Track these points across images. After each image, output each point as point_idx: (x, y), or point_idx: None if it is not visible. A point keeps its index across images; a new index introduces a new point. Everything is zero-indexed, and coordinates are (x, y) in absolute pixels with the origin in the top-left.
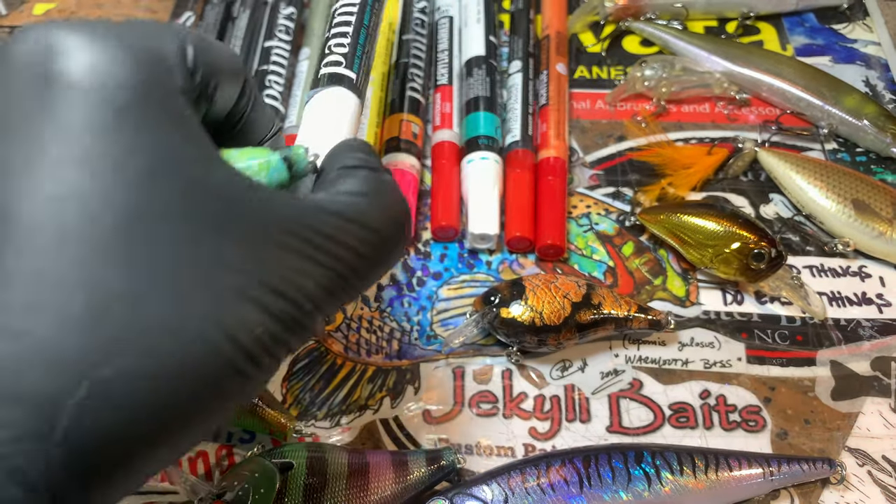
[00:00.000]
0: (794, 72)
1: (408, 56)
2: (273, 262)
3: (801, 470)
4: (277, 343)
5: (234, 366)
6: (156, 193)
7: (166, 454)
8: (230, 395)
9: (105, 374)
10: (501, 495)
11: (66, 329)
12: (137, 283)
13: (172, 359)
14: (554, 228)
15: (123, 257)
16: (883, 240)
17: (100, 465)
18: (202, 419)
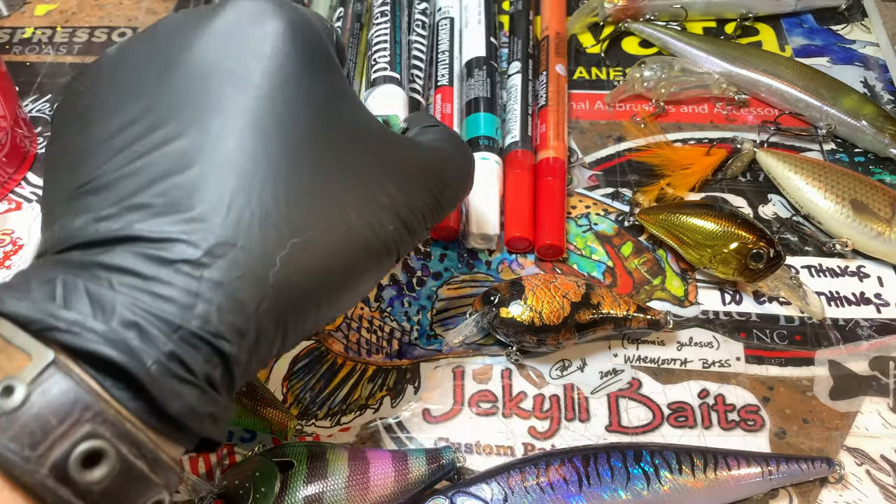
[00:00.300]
0: (793, 72)
1: (409, 57)
2: (407, 185)
3: (799, 469)
4: (402, 242)
5: (376, 252)
6: (330, 122)
7: (331, 309)
8: (371, 273)
9: (300, 241)
10: (501, 494)
11: (275, 208)
12: (323, 181)
13: (342, 239)
14: (553, 229)
15: (313, 163)
16: (881, 240)
17: (292, 309)
18: (353, 286)
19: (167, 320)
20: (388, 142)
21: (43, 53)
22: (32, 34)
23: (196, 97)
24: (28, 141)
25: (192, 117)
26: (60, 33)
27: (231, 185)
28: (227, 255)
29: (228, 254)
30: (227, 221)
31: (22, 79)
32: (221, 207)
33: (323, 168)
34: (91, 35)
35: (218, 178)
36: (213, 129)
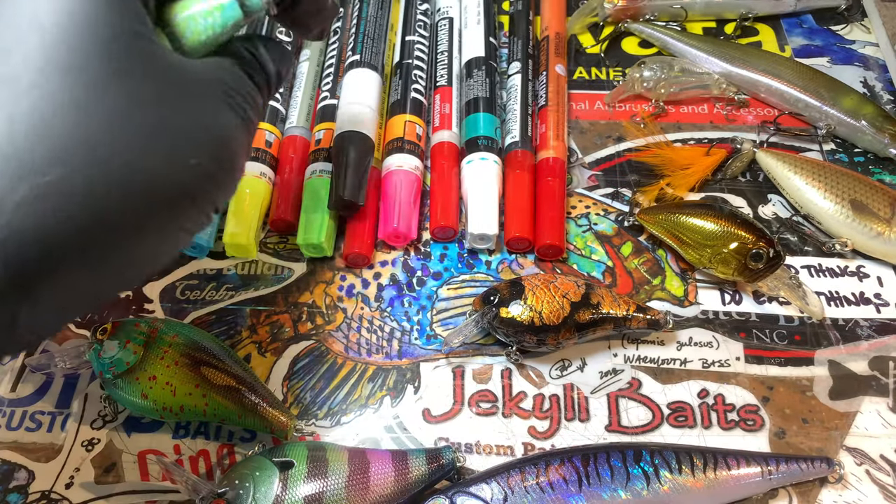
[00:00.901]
0: (793, 73)
1: (411, 57)
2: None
3: (799, 469)
4: (210, 183)
5: (168, 195)
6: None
7: (110, 270)
8: (165, 222)
9: (49, 180)
10: (501, 494)
11: (14, 133)
12: (91, 105)
13: (104, 176)
14: (553, 229)
15: (68, 85)
16: (881, 240)
17: (34, 270)
18: (127, 239)
19: None
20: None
21: None
22: None
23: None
24: None
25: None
26: None
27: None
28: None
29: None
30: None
31: None
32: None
33: (92, 90)
34: None
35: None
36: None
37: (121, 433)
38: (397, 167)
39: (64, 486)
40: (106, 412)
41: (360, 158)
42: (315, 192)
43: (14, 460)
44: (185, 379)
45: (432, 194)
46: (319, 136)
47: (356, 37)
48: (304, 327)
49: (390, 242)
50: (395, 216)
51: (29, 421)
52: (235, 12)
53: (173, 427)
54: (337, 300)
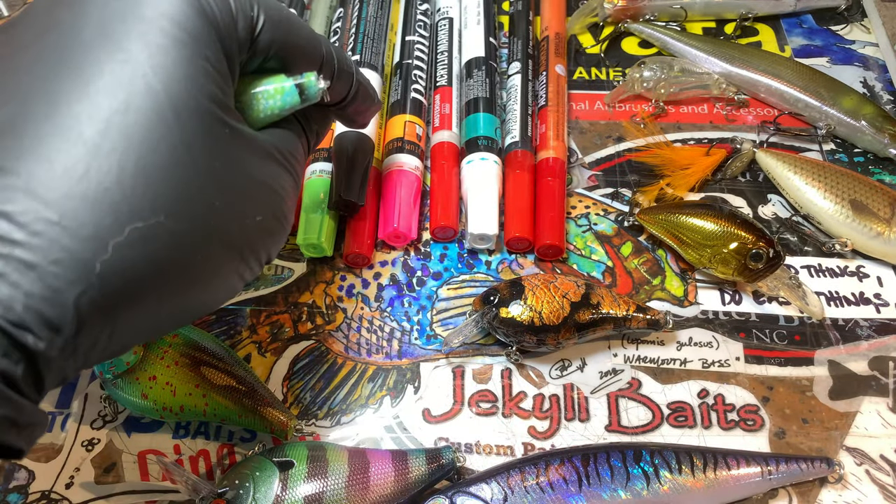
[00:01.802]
0: (793, 73)
1: (411, 57)
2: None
3: (799, 469)
4: (270, 240)
5: (238, 249)
6: (193, 110)
7: (175, 310)
8: (229, 274)
9: (143, 226)
10: (501, 494)
11: (117, 184)
12: (183, 164)
13: (198, 229)
14: (553, 229)
15: (176, 143)
16: (881, 240)
17: (124, 304)
18: (206, 286)
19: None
20: (255, 149)
21: None
22: None
23: (59, 56)
24: None
25: (46, 76)
26: None
27: (69, 151)
28: (46, 234)
29: (48, 232)
30: (52, 193)
31: None
32: (51, 176)
33: (186, 151)
34: None
35: (55, 144)
36: (63, 90)
37: (121, 433)
38: (397, 167)
39: (64, 486)
40: (106, 412)
41: (360, 158)
42: (315, 192)
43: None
44: (185, 379)
45: (432, 194)
46: None
47: (356, 37)
48: (304, 327)
49: (390, 242)
50: (395, 216)
51: None
52: (294, 98)
53: (173, 427)
54: (337, 300)
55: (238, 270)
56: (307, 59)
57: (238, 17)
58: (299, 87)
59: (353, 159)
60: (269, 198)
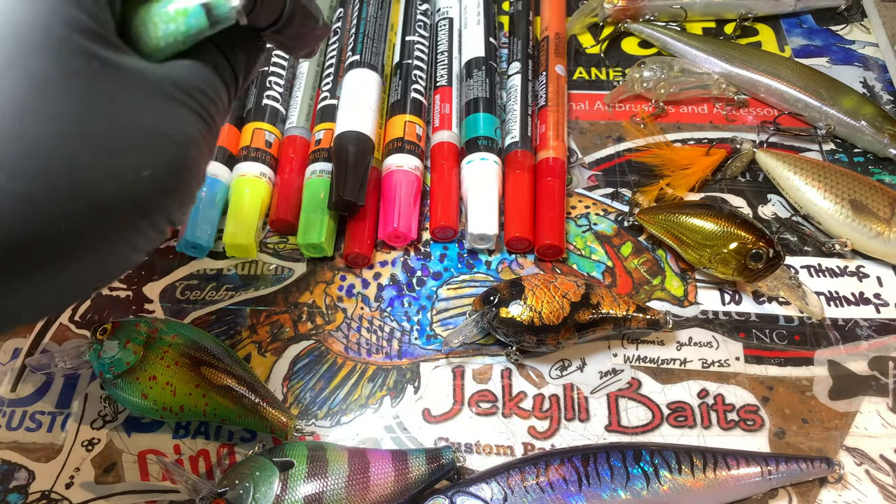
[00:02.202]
0: (792, 73)
1: (411, 57)
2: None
3: (798, 469)
4: (165, 198)
5: (118, 210)
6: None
7: (37, 284)
8: (115, 238)
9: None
10: (501, 494)
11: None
12: (19, 111)
13: (46, 187)
14: (553, 229)
15: (7, 87)
16: (880, 240)
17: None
18: (69, 253)
19: None
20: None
21: None
22: None
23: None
24: None
25: None
26: None
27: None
28: None
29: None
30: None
31: None
32: None
33: (35, 92)
34: None
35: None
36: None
37: (121, 433)
38: (397, 167)
39: (64, 486)
40: (106, 412)
41: (360, 158)
42: (315, 192)
43: (14, 460)
44: (185, 379)
45: (432, 194)
46: (319, 136)
47: (356, 37)
48: (304, 327)
49: (390, 242)
50: (395, 216)
51: (29, 421)
52: (200, 21)
53: (173, 427)
54: (337, 300)
55: (127, 238)
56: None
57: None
58: (206, 7)
59: (352, 159)
60: (161, 146)
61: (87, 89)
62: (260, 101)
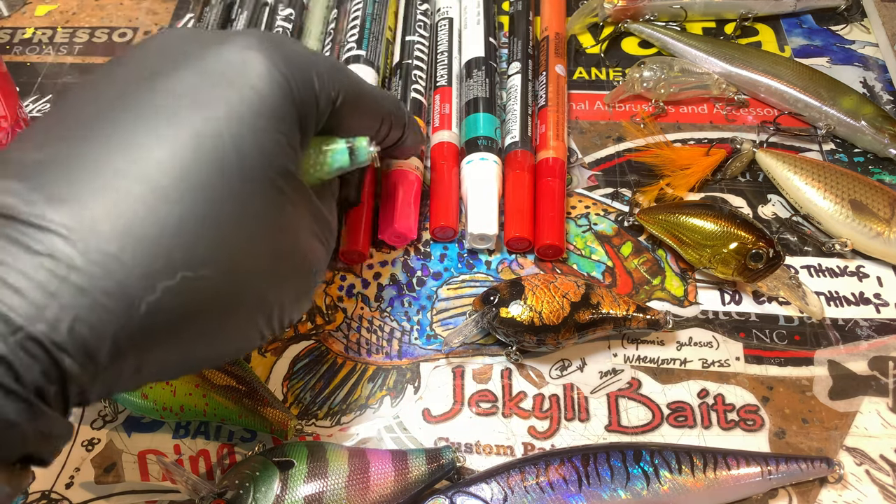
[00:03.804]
0: (792, 73)
1: (411, 57)
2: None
3: (799, 469)
4: (291, 312)
5: (267, 315)
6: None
7: (199, 357)
8: (252, 336)
9: (192, 276)
10: (501, 494)
11: (176, 233)
12: (241, 225)
13: (240, 290)
14: (553, 229)
15: (237, 204)
16: (881, 240)
17: (156, 346)
18: (232, 340)
19: (8, 318)
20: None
21: (43, 54)
22: (33, 34)
23: (151, 105)
24: None
25: (131, 120)
26: (61, 34)
27: (137, 192)
28: (103, 264)
29: (105, 263)
30: (115, 229)
31: (23, 79)
32: (116, 213)
33: (245, 215)
34: (91, 35)
35: (126, 184)
36: (144, 135)
37: (121, 433)
38: (398, 167)
39: (64, 486)
40: (106, 412)
41: None
42: None
43: None
44: (185, 379)
45: (432, 194)
46: None
47: (361, 31)
48: (303, 327)
49: (390, 242)
50: (396, 216)
51: None
52: (344, 160)
53: (173, 427)
54: (337, 300)
55: (261, 329)
56: (369, 121)
57: (320, 98)
58: (350, 150)
59: None
60: (304, 267)
61: (275, 220)
62: None
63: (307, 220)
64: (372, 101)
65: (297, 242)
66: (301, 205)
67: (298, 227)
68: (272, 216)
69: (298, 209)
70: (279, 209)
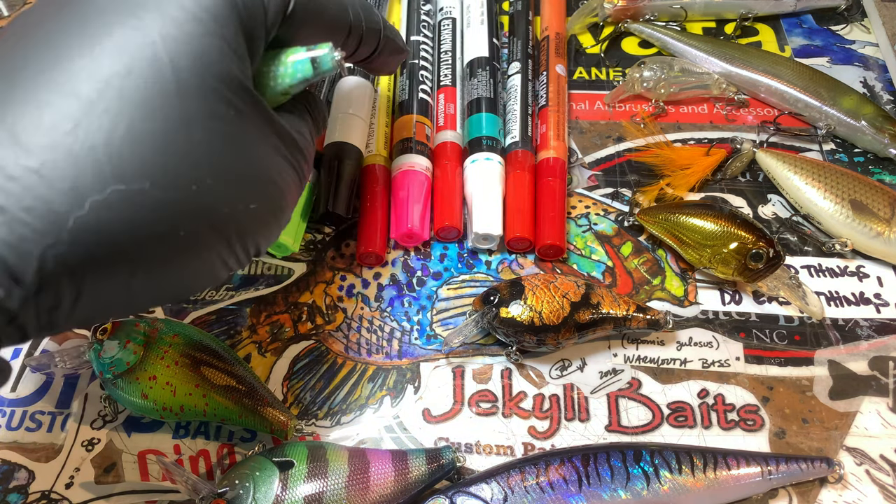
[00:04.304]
0: (793, 73)
1: (416, 57)
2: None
3: (799, 469)
4: (261, 230)
5: (225, 233)
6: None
7: (148, 286)
8: (211, 259)
9: (125, 189)
10: (501, 494)
11: (111, 144)
12: (180, 136)
13: (186, 203)
14: (554, 229)
15: (174, 116)
16: (881, 240)
17: (92, 267)
18: (184, 266)
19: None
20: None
21: None
22: None
23: (70, 17)
24: None
25: (53, 34)
26: None
27: (60, 105)
28: (22, 180)
29: (24, 178)
30: (37, 142)
31: None
32: (38, 126)
33: (183, 125)
34: None
35: (47, 96)
36: (67, 47)
37: (121, 433)
38: (408, 167)
39: (64, 486)
40: (106, 412)
41: (347, 169)
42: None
43: (14, 460)
44: (185, 379)
45: (436, 194)
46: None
47: None
48: (304, 327)
49: (402, 243)
50: (409, 217)
51: (29, 421)
52: (307, 71)
53: (173, 427)
54: (337, 300)
55: (222, 256)
56: (332, 30)
57: (268, 3)
58: (313, 60)
59: (343, 172)
60: (268, 188)
61: (222, 131)
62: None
63: (267, 135)
64: (334, 7)
65: (254, 159)
66: (256, 118)
67: (256, 143)
68: (217, 127)
69: (253, 122)
70: (227, 120)
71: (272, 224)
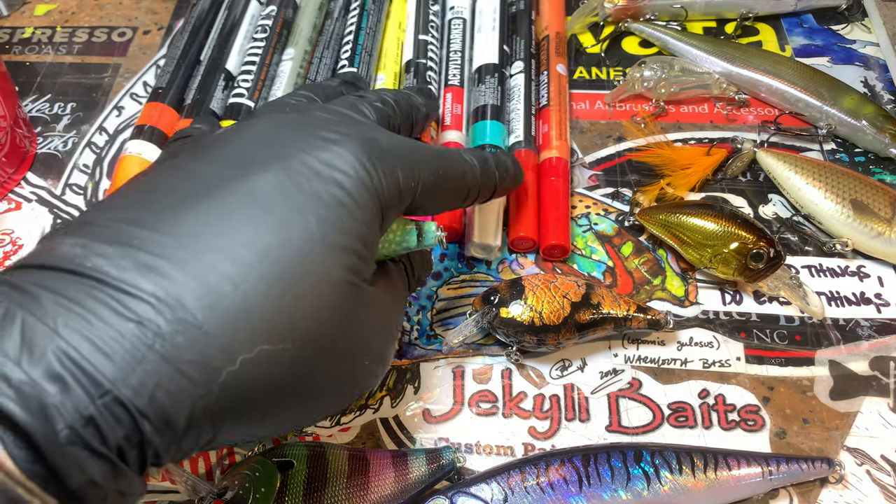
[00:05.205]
0: (793, 72)
1: (424, 56)
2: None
3: (799, 469)
4: (368, 382)
5: (348, 389)
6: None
7: (274, 426)
8: (330, 406)
9: (271, 349)
10: (501, 494)
11: (258, 306)
12: (324, 305)
13: (318, 364)
14: (558, 228)
15: (321, 285)
16: (881, 240)
17: (232, 414)
18: (309, 411)
19: (97, 381)
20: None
21: (43, 53)
22: (32, 34)
23: (242, 190)
24: (28, 141)
25: (226, 203)
26: (60, 33)
27: (224, 268)
28: (188, 335)
29: (190, 333)
30: (202, 300)
31: (22, 78)
32: (202, 287)
33: (324, 292)
34: (91, 35)
35: (212, 258)
36: (236, 215)
37: None
38: None
39: None
40: None
41: None
42: None
43: None
44: None
45: None
46: None
47: (354, 48)
48: None
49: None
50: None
51: None
52: (412, 241)
53: None
54: None
55: (335, 403)
56: (452, 203)
57: (405, 195)
58: (419, 231)
59: None
60: (378, 345)
61: (352, 299)
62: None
63: (377, 304)
64: (454, 181)
65: (369, 322)
66: (366, 298)
67: (370, 309)
68: (350, 295)
69: (369, 294)
70: (357, 290)
71: (379, 373)
